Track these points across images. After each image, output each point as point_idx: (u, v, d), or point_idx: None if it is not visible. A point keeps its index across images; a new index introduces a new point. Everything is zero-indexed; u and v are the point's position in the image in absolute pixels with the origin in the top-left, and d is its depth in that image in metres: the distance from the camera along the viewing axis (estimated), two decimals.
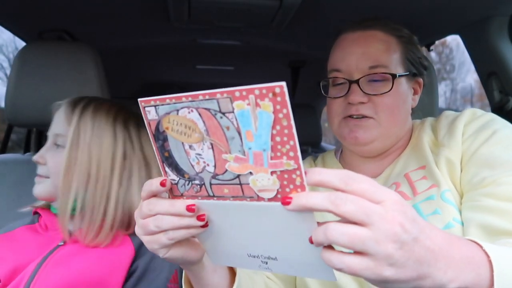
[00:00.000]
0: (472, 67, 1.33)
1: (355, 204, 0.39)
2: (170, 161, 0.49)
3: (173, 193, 0.51)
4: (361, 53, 0.81)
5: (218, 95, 0.40)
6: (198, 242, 0.57)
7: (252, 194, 0.44)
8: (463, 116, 0.79)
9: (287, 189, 0.42)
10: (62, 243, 0.83)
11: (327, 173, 0.41)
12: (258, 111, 0.39)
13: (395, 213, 0.39)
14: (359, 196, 0.39)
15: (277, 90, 0.37)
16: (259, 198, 0.44)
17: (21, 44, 1.34)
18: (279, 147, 0.40)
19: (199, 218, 0.48)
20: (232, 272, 0.68)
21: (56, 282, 0.76)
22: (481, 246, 0.47)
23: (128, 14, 1.31)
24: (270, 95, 0.38)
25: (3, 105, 1.10)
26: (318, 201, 0.39)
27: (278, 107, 0.38)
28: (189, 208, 0.47)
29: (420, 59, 0.87)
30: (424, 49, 1.48)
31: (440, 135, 0.81)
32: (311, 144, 2.34)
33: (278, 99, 0.38)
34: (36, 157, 0.86)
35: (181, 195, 0.50)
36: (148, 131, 0.48)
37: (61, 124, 0.87)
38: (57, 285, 0.76)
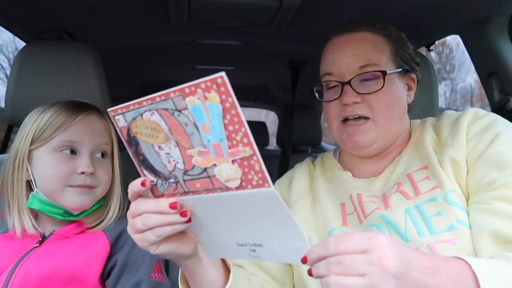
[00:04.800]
0: (472, 67, 1.33)
1: (343, 264, 0.46)
2: (146, 164, 0.51)
3: (154, 193, 0.54)
4: (350, 54, 0.82)
5: (172, 94, 0.43)
6: (189, 237, 0.59)
7: (220, 185, 0.47)
8: (466, 115, 0.79)
9: (249, 176, 0.44)
10: (37, 245, 0.85)
11: (312, 250, 0.49)
12: (208, 103, 0.41)
13: (381, 255, 0.46)
14: (345, 254, 0.46)
15: (219, 80, 0.40)
16: (228, 188, 0.47)
17: (21, 44, 1.34)
18: (233, 135, 0.42)
19: (182, 214, 0.51)
20: (228, 271, 0.69)
21: (33, 278, 0.78)
22: (470, 266, 0.51)
23: (128, 14, 1.31)
24: (215, 86, 0.40)
25: (3, 105, 1.10)
26: (319, 271, 0.48)
27: (223, 97, 0.40)
28: (172, 206, 0.51)
29: (411, 56, 0.88)
30: (424, 49, 1.48)
31: (443, 135, 0.81)
32: (311, 144, 2.34)
33: (222, 89, 0.40)
34: (91, 170, 0.85)
35: (162, 195, 0.53)
36: (122, 138, 0.51)
37: (101, 133, 0.91)
38: (35, 281, 0.78)
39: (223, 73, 0.39)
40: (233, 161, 0.44)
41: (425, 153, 0.81)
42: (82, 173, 0.84)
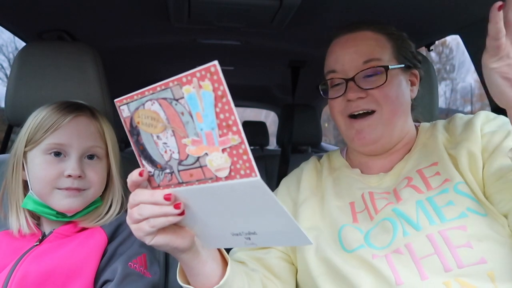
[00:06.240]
0: (472, 67, 1.33)
1: None
2: (145, 154, 0.53)
3: (151, 185, 0.55)
4: (353, 51, 0.85)
5: (171, 84, 0.45)
6: (185, 231, 0.60)
7: (211, 175, 0.47)
8: (478, 117, 0.82)
9: (238, 165, 0.45)
10: (37, 243, 0.85)
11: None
12: (202, 92, 0.43)
13: None
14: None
15: (212, 69, 0.41)
16: (218, 179, 0.47)
17: (21, 44, 1.34)
18: (224, 124, 0.43)
19: (176, 206, 0.53)
20: (225, 265, 0.69)
21: (33, 276, 0.78)
22: None
23: (128, 14, 1.31)
24: (208, 75, 0.42)
25: (3, 105, 1.10)
26: None
27: (216, 85, 0.42)
28: (166, 197, 0.52)
29: (413, 53, 0.90)
30: (424, 49, 1.48)
31: (456, 133, 0.83)
32: (311, 144, 2.33)
33: (215, 77, 0.42)
34: (78, 173, 0.84)
35: (158, 186, 0.54)
36: (125, 128, 0.53)
37: (92, 135, 0.89)
38: (34, 279, 0.78)
39: (215, 62, 0.41)
40: (223, 150, 0.45)
41: (435, 150, 0.83)
42: (69, 176, 0.83)
